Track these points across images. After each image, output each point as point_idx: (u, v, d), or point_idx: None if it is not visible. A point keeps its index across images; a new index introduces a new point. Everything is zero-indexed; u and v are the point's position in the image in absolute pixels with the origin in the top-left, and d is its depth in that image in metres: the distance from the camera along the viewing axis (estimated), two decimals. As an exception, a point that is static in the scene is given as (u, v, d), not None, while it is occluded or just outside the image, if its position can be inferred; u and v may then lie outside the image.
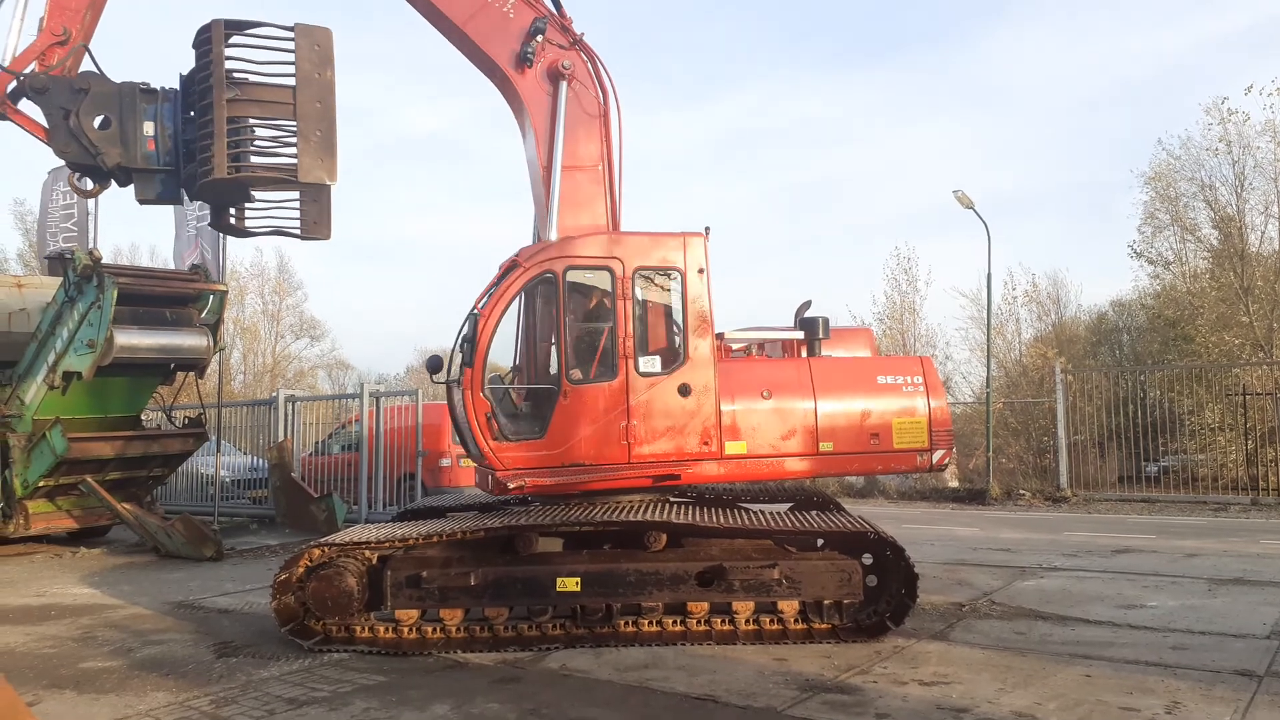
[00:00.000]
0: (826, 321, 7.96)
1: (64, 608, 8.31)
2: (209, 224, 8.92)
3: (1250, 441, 17.47)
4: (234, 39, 7.75)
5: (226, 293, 12.90)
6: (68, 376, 11.20)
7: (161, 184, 8.20)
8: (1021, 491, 17.12)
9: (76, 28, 8.20)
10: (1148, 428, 17.08)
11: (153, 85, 8.11)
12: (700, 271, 7.40)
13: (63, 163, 9.36)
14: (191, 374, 12.63)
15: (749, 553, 6.66)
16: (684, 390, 7.19)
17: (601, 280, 7.37)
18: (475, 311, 7.23)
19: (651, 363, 7.23)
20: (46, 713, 5.16)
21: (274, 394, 17.48)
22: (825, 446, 7.43)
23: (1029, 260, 63.10)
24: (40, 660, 6.43)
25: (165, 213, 14.83)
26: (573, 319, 7.36)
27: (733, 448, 7.29)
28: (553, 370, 7.45)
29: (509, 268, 7.27)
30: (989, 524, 13.53)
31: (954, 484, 19.71)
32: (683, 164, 71.76)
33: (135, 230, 77.85)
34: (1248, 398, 18.41)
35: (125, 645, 6.85)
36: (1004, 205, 58.83)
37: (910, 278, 34.07)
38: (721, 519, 6.82)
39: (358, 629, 6.57)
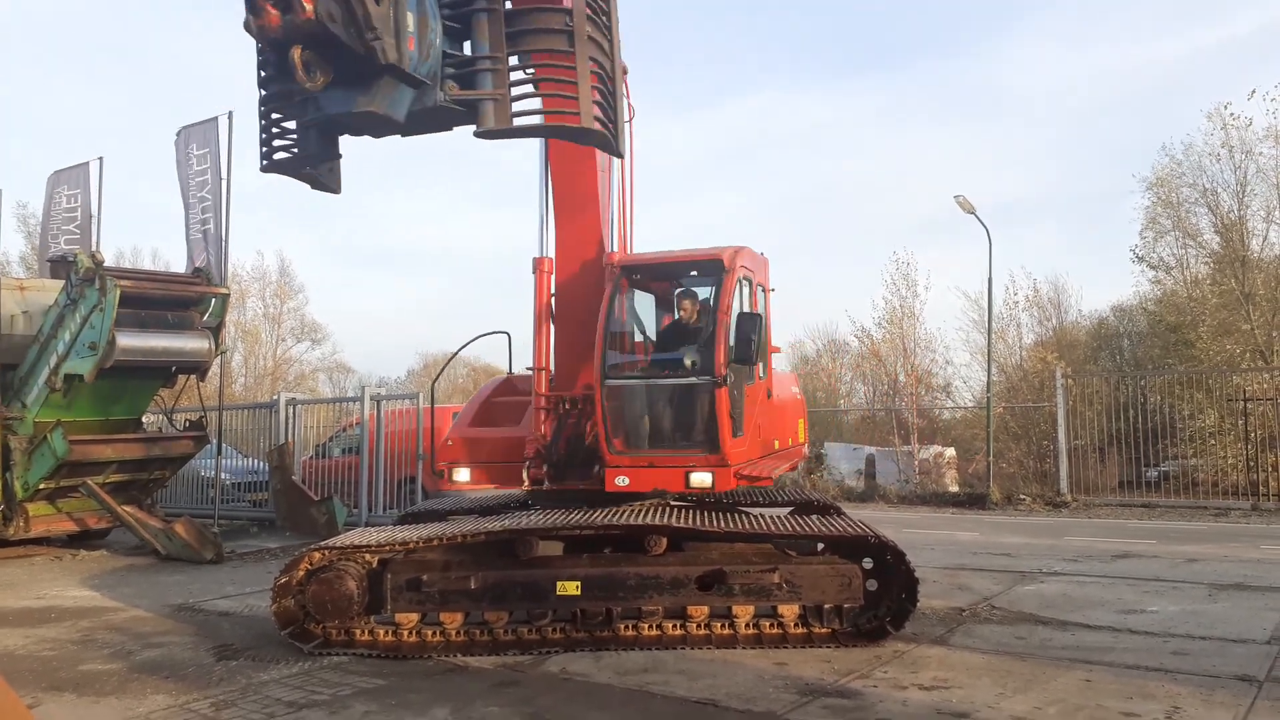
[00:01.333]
0: None
1: (64, 610, 8.31)
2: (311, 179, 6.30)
3: (1250, 447, 17.45)
4: None
5: (228, 296, 12.92)
6: (69, 379, 11.21)
7: (399, 98, 5.67)
8: (1022, 496, 17.10)
9: None
10: (1148, 433, 17.06)
11: None
12: (768, 291, 8.46)
13: (64, 166, 8.41)
14: (193, 377, 12.63)
15: (749, 557, 6.65)
16: (769, 394, 8.24)
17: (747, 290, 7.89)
18: (756, 314, 7.59)
19: (757, 370, 7.87)
20: (47, 715, 5.16)
21: (275, 397, 17.48)
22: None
23: (1030, 265, 63.05)
24: (40, 663, 6.43)
25: (167, 216, 14.86)
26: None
27: (779, 442, 8.62)
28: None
29: (724, 271, 7.44)
30: (989, 529, 13.52)
31: (954, 489, 19.71)
32: (686, 171, 71.84)
33: (137, 233, 77.89)
34: (1248, 403, 18.39)
35: (125, 648, 6.85)
36: (1006, 210, 58.95)
37: (910, 283, 34.08)
38: (721, 523, 6.82)
39: (358, 632, 6.57)
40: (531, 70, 5.81)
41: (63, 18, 60.46)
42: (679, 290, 8.12)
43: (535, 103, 5.72)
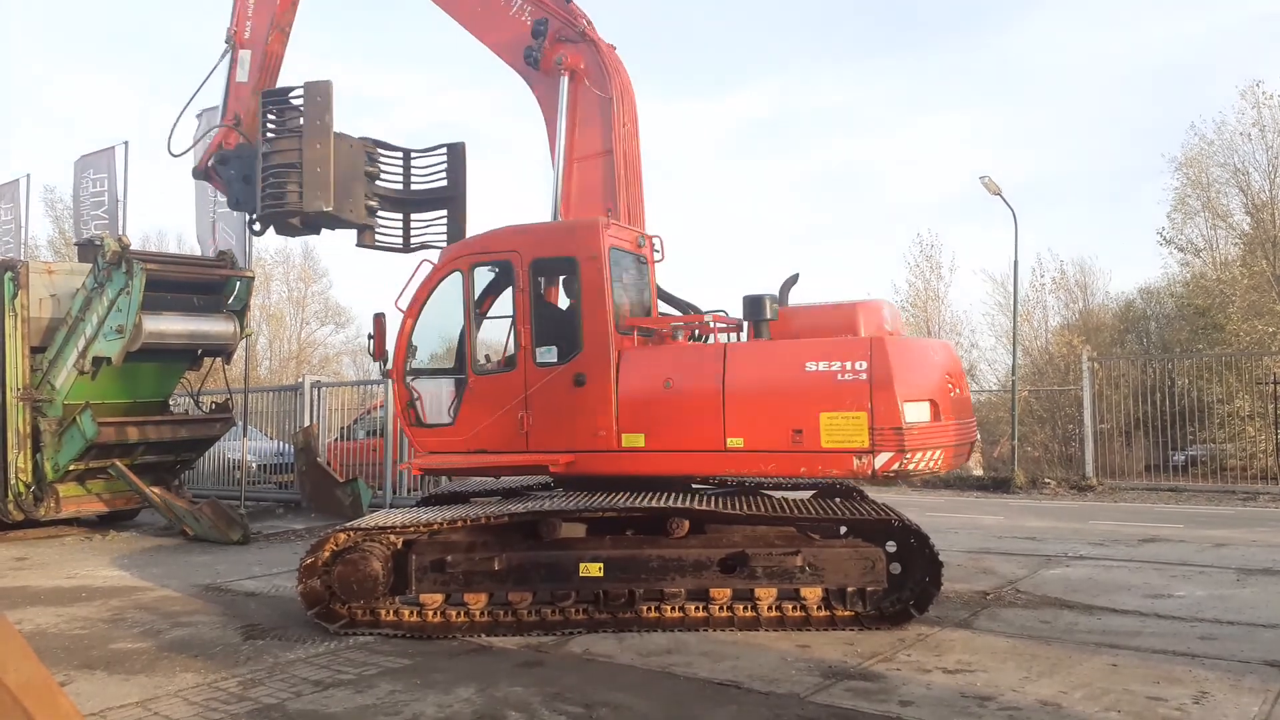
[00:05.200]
0: (774, 300, 7.24)
1: (94, 590, 8.43)
2: (357, 244, 9.90)
3: (1280, 430, 17.25)
4: (277, 101, 9.29)
5: (253, 279, 13.00)
6: (97, 362, 11.33)
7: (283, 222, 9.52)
8: (1047, 480, 16.98)
9: (244, 113, 10.08)
10: (1175, 417, 16.87)
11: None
12: (593, 258, 7.17)
13: (90, 151, 10.44)
14: (218, 359, 12.74)
15: (772, 539, 6.64)
16: (579, 380, 7.12)
17: (504, 273, 7.57)
18: (396, 309, 7.66)
19: (548, 353, 7.28)
20: (78, 692, 5.24)
21: (300, 380, 17.61)
22: (734, 442, 6.68)
23: (1057, 247, 62.39)
24: (71, 641, 6.53)
25: (192, 201, 14.94)
26: (478, 312, 7.65)
27: (629, 440, 6.98)
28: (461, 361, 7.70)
29: (422, 264, 7.68)
30: (1014, 512, 13.44)
31: (978, 472, 19.59)
32: (706, 152, 71.49)
33: (163, 217, 78.49)
34: (1278, 387, 18.15)
35: (154, 627, 6.94)
36: (1032, 191, 58.28)
37: (934, 264, 33.87)
38: (744, 506, 6.80)
39: (383, 612, 6.62)
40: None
41: (86, 2, 60.83)
42: None
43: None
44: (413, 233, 10.08)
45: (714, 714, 4.82)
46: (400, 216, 9.99)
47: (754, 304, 7.18)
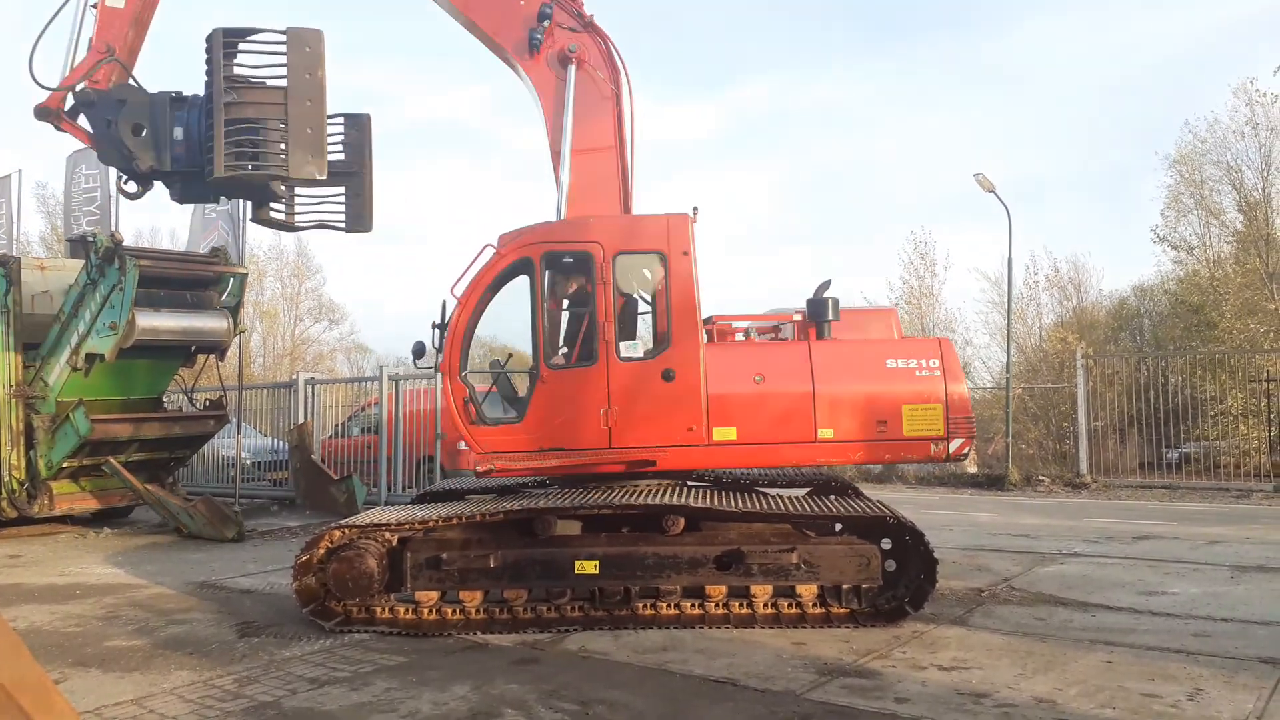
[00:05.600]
0: (836, 302, 7.65)
1: (88, 587, 8.41)
2: (252, 218, 9.12)
3: (1274, 428, 17.29)
4: (236, 46, 8.15)
5: (246, 275, 12.98)
6: (90, 358, 11.29)
7: (190, 185, 8.77)
8: (1041, 477, 17.03)
9: (120, 44, 8.93)
10: (1169, 414, 16.93)
11: (185, 94, 8.56)
12: (685, 254, 7.22)
13: (83, 148, 10.04)
14: (212, 356, 12.71)
15: (767, 537, 6.65)
16: (668, 375, 7.12)
17: (581, 264, 7.31)
18: (455, 298, 7.20)
19: (633, 348, 7.20)
20: (72, 690, 5.22)
21: (294, 377, 17.57)
22: (825, 433, 7.14)
23: (1051, 244, 62.44)
24: (65, 639, 6.51)
25: (186, 197, 14.87)
26: (552, 305, 7.34)
27: (721, 434, 7.11)
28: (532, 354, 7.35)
29: (484, 250, 7.23)
30: (1008, 509, 13.47)
31: (973, 469, 19.61)
32: (701, 149, 71.49)
33: (156, 214, 78.22)
34: (1271, 385, 18.22)
35: (149, 624, 6.92)
36: (1026, 189, 58.37)
37: (928, 262, 33.90)
38: (740, 503, 6.81)
39: (378, 610, 6.61)
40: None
41: (80, -2, 60.44)
42: None
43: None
44: (299, 209, 9.10)
45: (710, 711, 4.82)
46: (286, 190, 8.90)
47: (819, 306, 7.57)
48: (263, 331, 41.04)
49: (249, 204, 9.44)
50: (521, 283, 7.32)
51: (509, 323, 7.64)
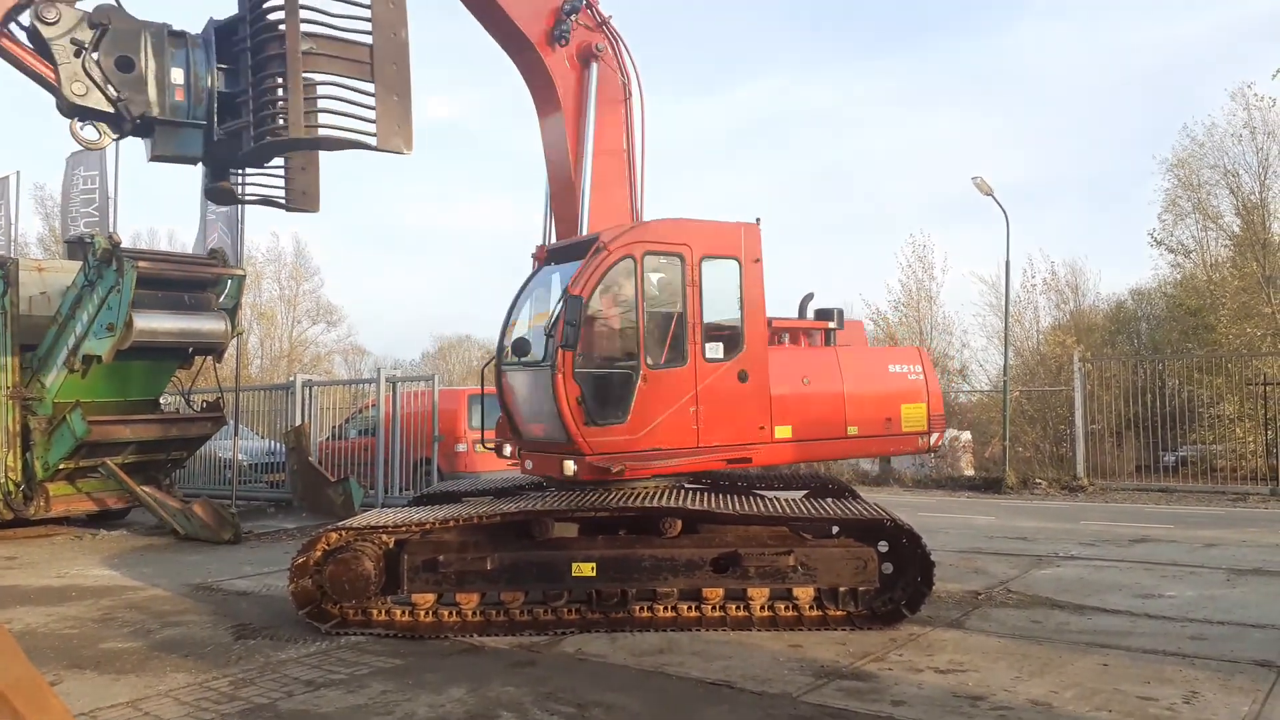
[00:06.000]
0: (841, 313, 8.45)
1: (84, 589, 8.40)
2: (203, 189, 8.01)
3: (1270, 432, 17.30)
4: None
5: (244, 277, 12.96)
6: (87, 360, 11.27)
7: (185, 140, 7.26)
8: (1038, 480, 17.04)
9: None
10: (1166, 417, 16.95)
11: (177, 28, 7.21)
12: (756, 261, 7.54)
13: (81, 150, 9.20)
14: (209, 358, 12.69)
15: (764, 539, 6.65)
16: (743, 376, 7.33)
17: (673, 266, 7.38)
18: (577, 295, 6.91)
19: (716, 349, 7.36)
20: (68, 692, 5.21)
21: (291, 379, 17.56)
22: (852, 430, 7.92)
23: (1048, 247, 62.50)
24: (61, 640, 6.50)
25: (186, 197, 14.89)
26: (649, 304, 7.31)
27: (781, 432, 7.53)
28: (633, 354, 7.28)
29: (596, 249, 7.12)
30: (1005, 512, 13.47)
31: (970, 472, 19.64)
32: (699, 151, 71.53)
33: (154, 215, 78.22)
34: (1268, 388, 18.24)
35: (145, 626, 6.91)
36: (1023, 192, 58.45)
37: (926, 265, 33.88)
38: (737, 505, 6.81)
39: (374, 612, 6.61)
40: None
41: None
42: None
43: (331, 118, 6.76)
44: (247, 183, 8.10)
45: (706, 714, 4.82)
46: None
47: (826, 315, 8.38)
48: (260, 333, 40.99)
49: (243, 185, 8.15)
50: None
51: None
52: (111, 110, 6.88)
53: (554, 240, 8.27)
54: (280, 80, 6.72)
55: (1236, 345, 23.15)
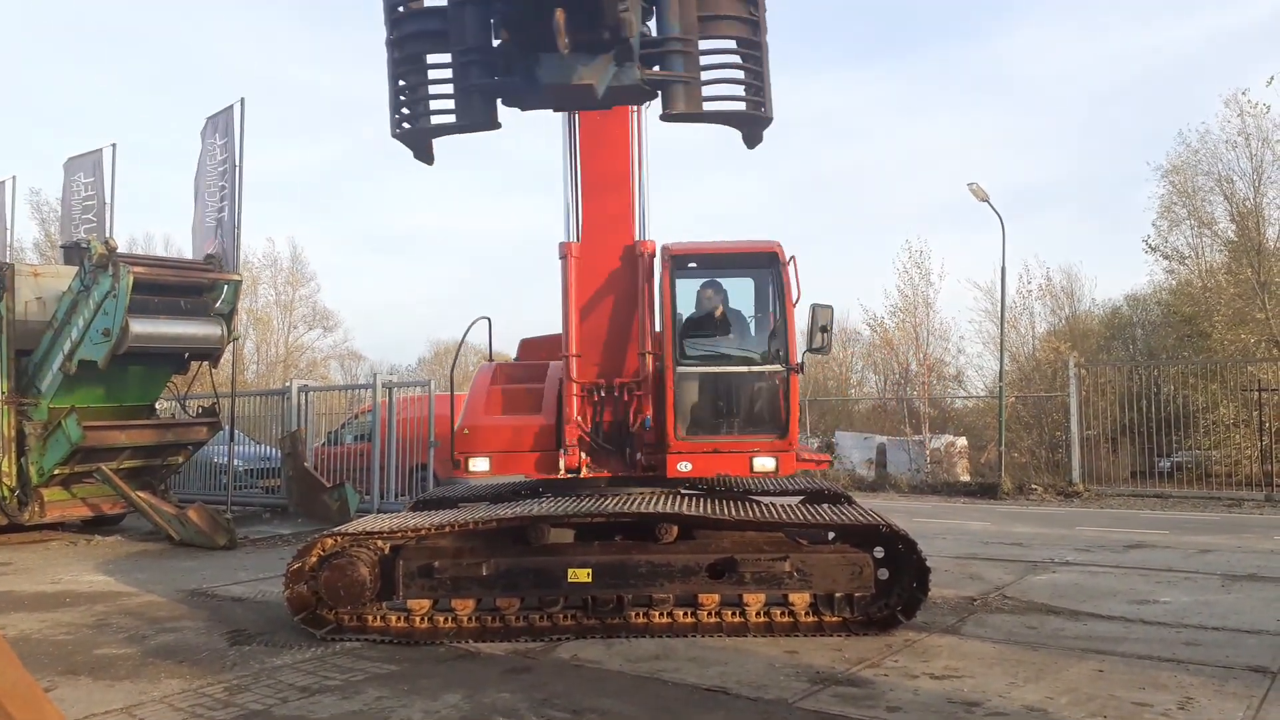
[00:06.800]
0: None
1: (79, 595, 8.38)
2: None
3: (1265, 438, 17.34)
4: None
5: (240, 282, 12.96)
6: (83, 365, 11.27)
7: (607, 76, 6.22)
8: (1033, 486, 17.06)
9: None
10: (1161, 423, 16.97)
11: None
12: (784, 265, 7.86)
13: (81, 154, 8.70)
14: (205, 363, 12.68)
15: (760, 545, 6.65)
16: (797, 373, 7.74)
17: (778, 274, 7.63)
18: (827, 305, 7.46)
19: (800, 354, 7.66)
20: (62, 698, 5.20)
21: (287, 384, 17.56)
22: None
23: (1043, 253, 62.60)
24: (55, 646, 6.48)
25: (180, 202, 14.89)
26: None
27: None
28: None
29: (786, 260, 7.48)
30: (1001, 518, 13.49)
31: (966, 478, 19.65)
32: (693, 156, 71.64)
33: (150, 220, 78.16)
34: (1263, 394, 18.28)
35: (139, 632, 6.90)
36: (1019, 198, 58.49)
37: (923, 271, 33.91)
38: (733, 511, 6.81)
39: (370, 618, 6.60)
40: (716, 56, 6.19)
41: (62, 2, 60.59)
42: (704, 281, 8.00)
43: (721, 88, 6.19)
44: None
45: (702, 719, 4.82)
46: None
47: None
48: (256, 338, 40.93)
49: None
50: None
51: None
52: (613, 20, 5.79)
53: (575, 238, 8.10)
54: (751, 54, 6.18)
55: (1231, 351, 23.20)
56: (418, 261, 75.12)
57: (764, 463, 7.34)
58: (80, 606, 7.86)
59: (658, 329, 7.59)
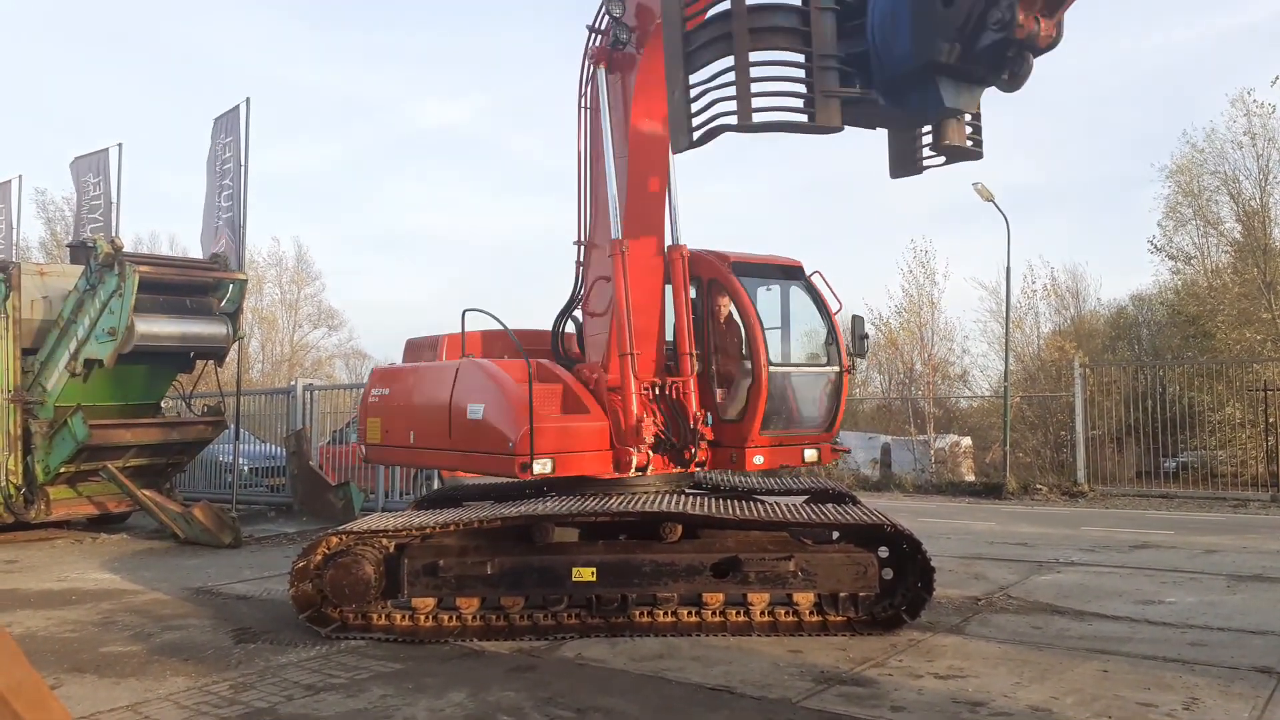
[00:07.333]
0: None
1: (85, 593, 8.40)
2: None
3: (1271, 438, 17.29)
4: None
5: (246, 281, 12.97)
6: (89, 364, 11.30)
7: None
8: (1039, 486, 17.02)
9: None
10: (1166, 423, 16.94)
11: None
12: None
13: (88, 154, 8.49)
14: (211, 362, 12.71)
15: (765, 544, 6.65)
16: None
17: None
18: (860, 316, 8.69)
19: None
20: (68, 696, 5.22)
21: (292, 383, 17.58)
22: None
23: (1049, 254, 62.53)
24: (61, 644, 6.50)
25: (185, 202, 14.92)
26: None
27: None
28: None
29: (809, 273, 8.14)
30: (1006, 518, 13.47)
31: (970, 478, 19.64)
32: (697, 155, 71.46)
33: (155, 220, 78.35)
34: (1269, 394, 18.24)
35: (145, 630, 6.91)
36: (1024, 198, 58.46)
37: (928, 271, 33.88)
38: (737, 510, 6.81)
39: (375, 616, 6.61)
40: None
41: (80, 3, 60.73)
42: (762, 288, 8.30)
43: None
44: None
45: (706, 719, 4.82)
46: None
47: None
48: (261, 337, 41.06)
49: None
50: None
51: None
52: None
53: (587, 238, 8.04)
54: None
55: (1236, 351, 23.16)
56: (423, 260, 75.21)
57: (810, 454, 7.94)
58: (86, 604, 7.88)
59: (707, 332, 7.86)
